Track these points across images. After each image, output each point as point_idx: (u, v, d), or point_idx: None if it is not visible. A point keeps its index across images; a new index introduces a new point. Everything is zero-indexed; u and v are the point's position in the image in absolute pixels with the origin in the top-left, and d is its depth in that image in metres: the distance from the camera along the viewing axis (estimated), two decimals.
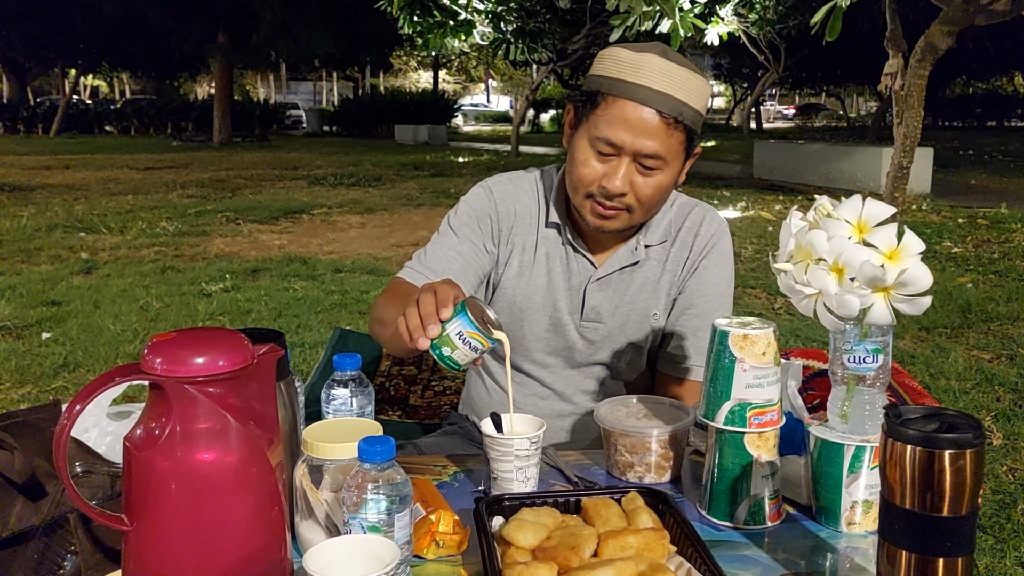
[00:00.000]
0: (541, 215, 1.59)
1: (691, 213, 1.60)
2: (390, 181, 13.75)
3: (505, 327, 1.59)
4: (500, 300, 1.61)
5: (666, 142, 1.40)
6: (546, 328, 1.59)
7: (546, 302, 1.58)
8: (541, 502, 1.12)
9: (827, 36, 4.27)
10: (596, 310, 1.57)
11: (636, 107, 1.38)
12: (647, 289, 1.58)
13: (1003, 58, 26.38)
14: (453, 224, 1.60)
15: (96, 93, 48.59)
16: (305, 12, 21.05)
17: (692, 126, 1.42)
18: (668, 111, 1.38)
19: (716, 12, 7.91)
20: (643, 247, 1.57)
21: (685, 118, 1.39)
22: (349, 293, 5.84)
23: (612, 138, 1.40)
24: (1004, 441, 3.30)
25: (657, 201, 1.47)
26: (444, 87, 38.79)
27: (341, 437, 1.05)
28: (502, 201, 1.60)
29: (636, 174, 1.42)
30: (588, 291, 1.57)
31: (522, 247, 1.59)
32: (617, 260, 1.56)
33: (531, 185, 1.62)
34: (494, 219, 1.59)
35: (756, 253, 7.16)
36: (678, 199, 1.62)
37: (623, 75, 1.39)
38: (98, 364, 4.25)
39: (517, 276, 1.59)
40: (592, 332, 1.58)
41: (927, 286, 1.02)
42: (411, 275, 1.55)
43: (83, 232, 8.40)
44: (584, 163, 1.44)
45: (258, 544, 0.92)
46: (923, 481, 0.88)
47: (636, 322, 1.58)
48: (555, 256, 1.58)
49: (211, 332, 0.94)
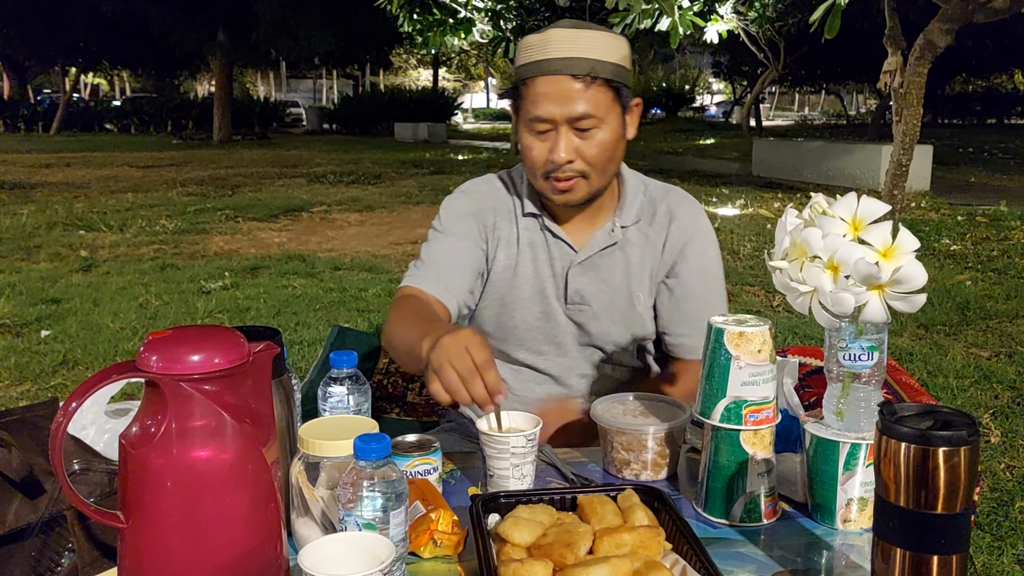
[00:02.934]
0: (518, 207, 1.64)
1: (664, 197, 1.64)
2: (389, 179, 13.74)
3: (497, 320, 1.61)
4: (490, 294, 1.63)
5: (591, 100, 1.44)
6: (537, 316, 1.62)
7: (535, 290, 1.61)
8: (537, 499, 1.12)
9: (826, 34, 4.27)
10: (580, 293, 1.60)
11: (550, 79, 1.44)
12: (630, 272, 1.61)
13: (1003, 56, 26.32)
14: (441, 228, 1.63)
15: (96, 91, 48.55)
16: (305, 10, 21.02)
17: (614, 79, 1.46)
18: (581, 71, 1.43)
19: (715, 10, 7.90)
20: (619, 228, 1.60)
21: (601, 73, 1.44)
22: (348, 291, 5.85)
23: (540, 114, 1.46)
24: (1002, 439, 3.31)
25: (608, 159, 1.51)
26: (444, 85, 38.76)
27: (337, 435, 1.06)
28: (479, 200, 1.65)
29: (576, 140, 1.47)
30: (570, 275, 1.60)
31: (506, 241, 1.63)
32: (596, 243, 1.60)
33: (502, 183, 1.67)
34: (477, 218, 1.63)
35: (754, 251, 7.16)
36: (650, 184, 1.67)
37: (533, 57, 1.47)
38: (97, 362, 4.25)
39: (504, 269, 1.62)
40: (579, 315, 1.61)
41: (922, 284, 1.03)
42: (415, 280, 1.57)
43: (83, 230, 8.40)
44: (530, 148, 1.50)
45: (254, 541, 0.93)
46: (917, 478, 0.88)
47: (621, 306, 1.61)
48: (538, 244, 1.62)
49: (207, 330, 0.94)
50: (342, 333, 2.05)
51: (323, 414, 1.25)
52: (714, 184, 12.50)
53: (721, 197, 10.84)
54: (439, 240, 1.61)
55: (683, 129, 31.51)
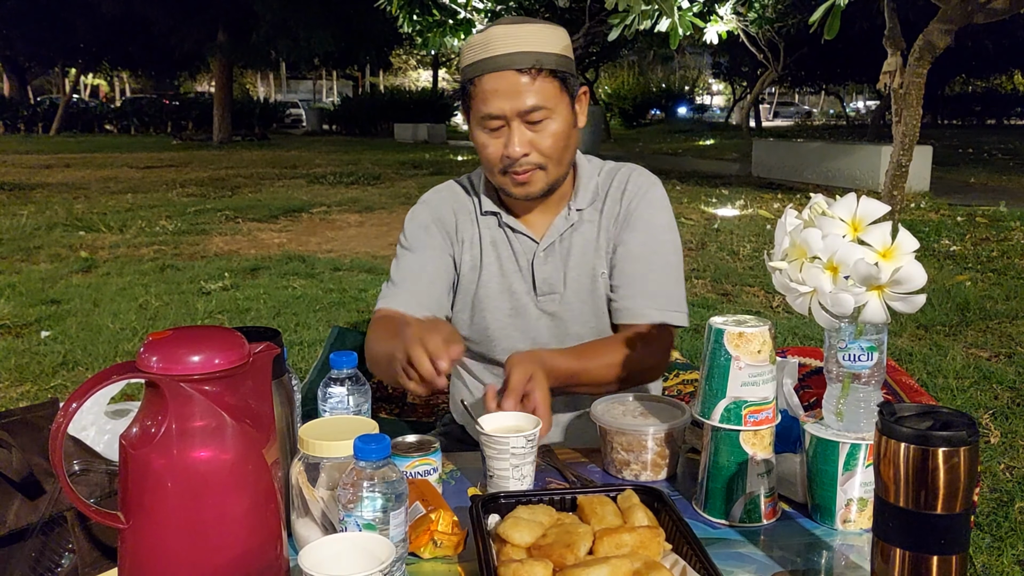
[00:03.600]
0: (477, 207, 1.65)
1: (618, 173, 1.65)
2: (389, 179, 13.74)
3: (471, 322, 1.62)
4: (460, 297, 1.65)
5: (538, 92, 1.46)
6: (508, 314, 1.62)
7: (502, 288, 1.62)
8: (537, 500, 1.12)
9: (826, 34, 4.26)
10: (547, 282, 1.61)
11: (495, 76, 1.46)
12: (589, 249, 1.61)
13: (1002, 56, 26.33)
14: (406, 244, 1.65)
15: (96, 92, 48.55)
16: (305, 11, 21.02)
17: (559, 69, 1.48)
18: (524, 65, 1.45)
19: (715, 11, 7.90)
20: (575, 211, 1.61)
21: (545, 64, 1.46)
22: (347, 291, 5.85)
23: (490, 111, 1.47)
24: (1002, 439, 3.31)
25: (563, 148, 1.52)
26: (443, 86, 38.75)
27: (337, 435, 1.06)
28: (439, 207, 1.66)
29: (529, 133, 1.48)
30: (536, 265, 1.61)
31: (469, 242, 1.64)
32: (555, 230, 1.61)
33: (461, 187, 1.69)
34: (439, 224, 1.64)
35: (754, 251, 7.16)
36: (605, 165, 1.68)
37: (477, 56, 1.48)
38: (97, 362, 4.25)
39: (471, 270, 1.63)
40: (549, 304, 1.62)
41: (921, 284, 1.03)
42: (388, 302, 1.59)
43: (83, 231, 8.40)
44: (484, 146, 1.52)
45: (254, 542, 0.93)
46: (917, 479, 0.88)
47: (587, 285, 1.61)
48: (500, 242, 1.63)
49: (207, 330, 0.94)
50: (342, 334, 2.05)
51: (323, 415, 1.25)
52: (714, 185, 12.50)
53: (721, 198, 10.84)
54: (406, 256, 1.63)
55: (682, 130, 31.54)
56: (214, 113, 25.48)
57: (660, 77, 41.76)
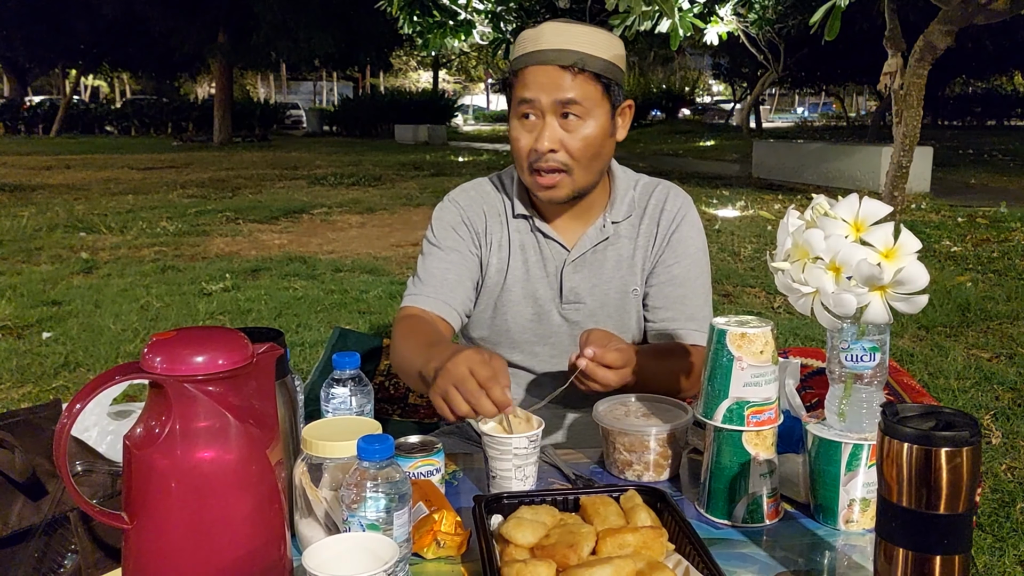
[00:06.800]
0: (508, 210, 1.64)
1: (655, 191, 1.65)
2: (390, 181, 13.74)
3: (491, 322, 1.62)
4: (484, 298, 1.64)
5: (578, 89, 1.46)
6: (529, 318, 1.62)
7: (526, 292, 1.62)
8: (540, 500, 1.12)
9: (826, 35, 4.26)
10: (575, 291, 1.60)
11: (539, 68, 1.47)
12: (623, 266, 1.61)
13: (1002, 57, 26.34)
14: (433, 240, 1.64)
15: (96, 93, 48.56)
16: (305, 12, 21.05)
17: (603, 74, 1.47)
18: (568, 62, 1.45)
19: (715, 12, 7.89)
20: (611, 224, 1.61)
21: (590, 66, 1.46)
22: (349, 292, 5.85)
23: (526, 96, 1.47)
24: (1003, 440, 3.31)
25: (592, 155, 1.50)
26: (444, 87, 38.75)
27: (340, 436, 1.06)
28: (469, 207, 1.65)
29: (561, 131, 1.48)
30: (564, 274, 1.60)
31: (498, 244, 1.63)
32: (588, 240, 1.60)
33: (492, 186, 1.68)
34: (468, 224, 1.63)
35: (755, 252, 7.16)
36: (641, 179, 1.67)
37: (525, 49, 1.49)
38: (98, 363, 4.25)
39: (497, 272, 1.63)
40: (574, 313, 1.61)
41: (923, 284, 1.03)
42: (414, 300, 1.57)
43: (83, 232, 8.40)
44: (516, 138, 1.52)
45: (257, 542, 0.93)
46: (920, 479, 0.88)
47: (616, 300, 1.61)
48: (529, 246, 1.62)
49: (211, 331, 0.94)
50: (343, 335, 2.05)
51: (326, 415, 1.25)
52: (714, 186, 12.51)
53: (721, 199, 10.84)
54: (433, 254, 1.62)
55: (683, 131, 31.53)
56: (214, 114, 25.50)
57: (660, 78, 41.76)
